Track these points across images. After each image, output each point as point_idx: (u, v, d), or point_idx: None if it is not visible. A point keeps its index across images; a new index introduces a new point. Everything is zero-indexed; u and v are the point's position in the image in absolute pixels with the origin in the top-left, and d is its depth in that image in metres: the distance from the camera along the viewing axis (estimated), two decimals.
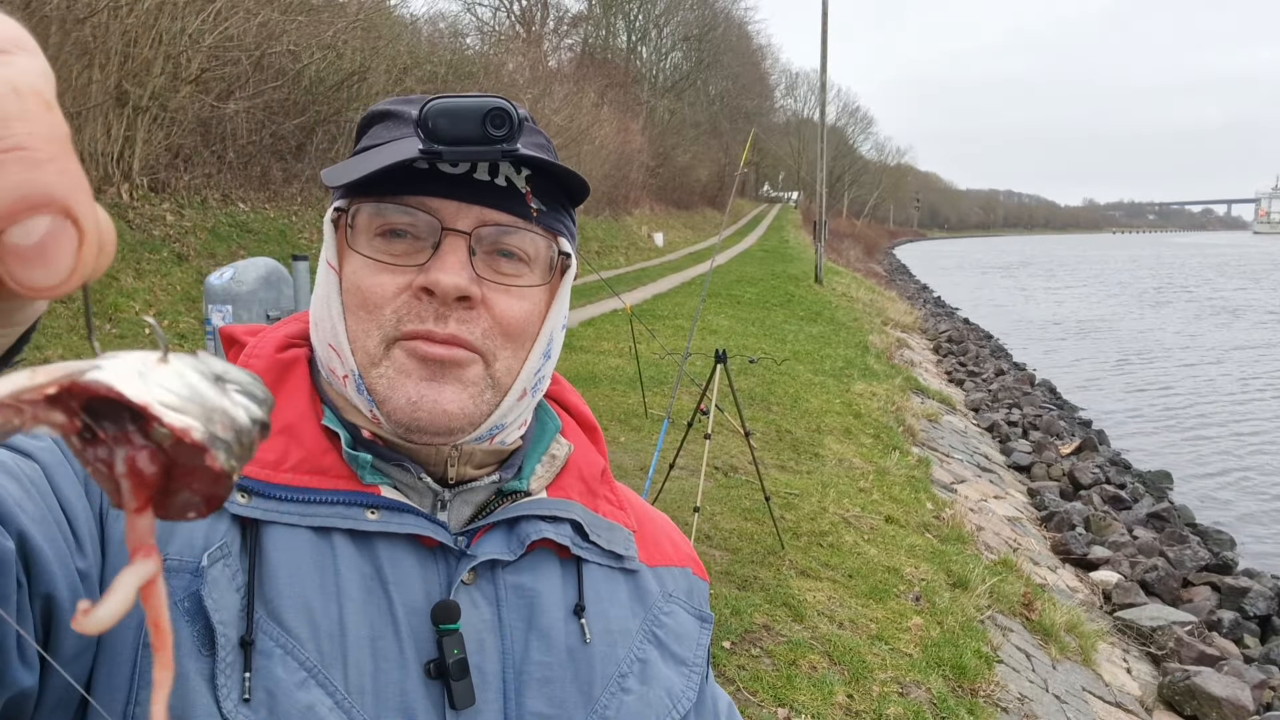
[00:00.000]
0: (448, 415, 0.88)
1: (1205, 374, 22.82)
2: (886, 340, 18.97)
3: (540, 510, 0.96)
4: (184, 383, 0.42)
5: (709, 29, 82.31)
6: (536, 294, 0.94)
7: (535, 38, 53.54)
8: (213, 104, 15.18)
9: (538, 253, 0.93)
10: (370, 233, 0.90)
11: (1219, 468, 14.24)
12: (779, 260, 37.23)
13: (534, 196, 0.93)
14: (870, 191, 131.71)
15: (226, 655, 0.79)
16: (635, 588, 1.02)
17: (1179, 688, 6.22)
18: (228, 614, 0.80)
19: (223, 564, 0.82)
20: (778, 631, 5.06)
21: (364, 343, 0.90)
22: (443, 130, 0.84)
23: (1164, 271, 72.88)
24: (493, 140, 0.84)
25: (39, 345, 8.86)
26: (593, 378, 11.10)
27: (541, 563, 0.95)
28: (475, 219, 0.89)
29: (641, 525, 1.08)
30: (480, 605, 0.90)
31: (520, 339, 0.93)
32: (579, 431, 1.09)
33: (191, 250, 13.37)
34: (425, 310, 0.88)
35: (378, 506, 0.88)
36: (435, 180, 0.89)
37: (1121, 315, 38.22)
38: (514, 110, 0.85)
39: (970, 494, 9.63)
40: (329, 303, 0.93)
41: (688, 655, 1.03)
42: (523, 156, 0.88)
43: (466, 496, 0.96)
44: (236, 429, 0.42)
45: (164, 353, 0.43)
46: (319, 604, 0.84)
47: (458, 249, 0.88)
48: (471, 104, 0.84)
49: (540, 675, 0.90)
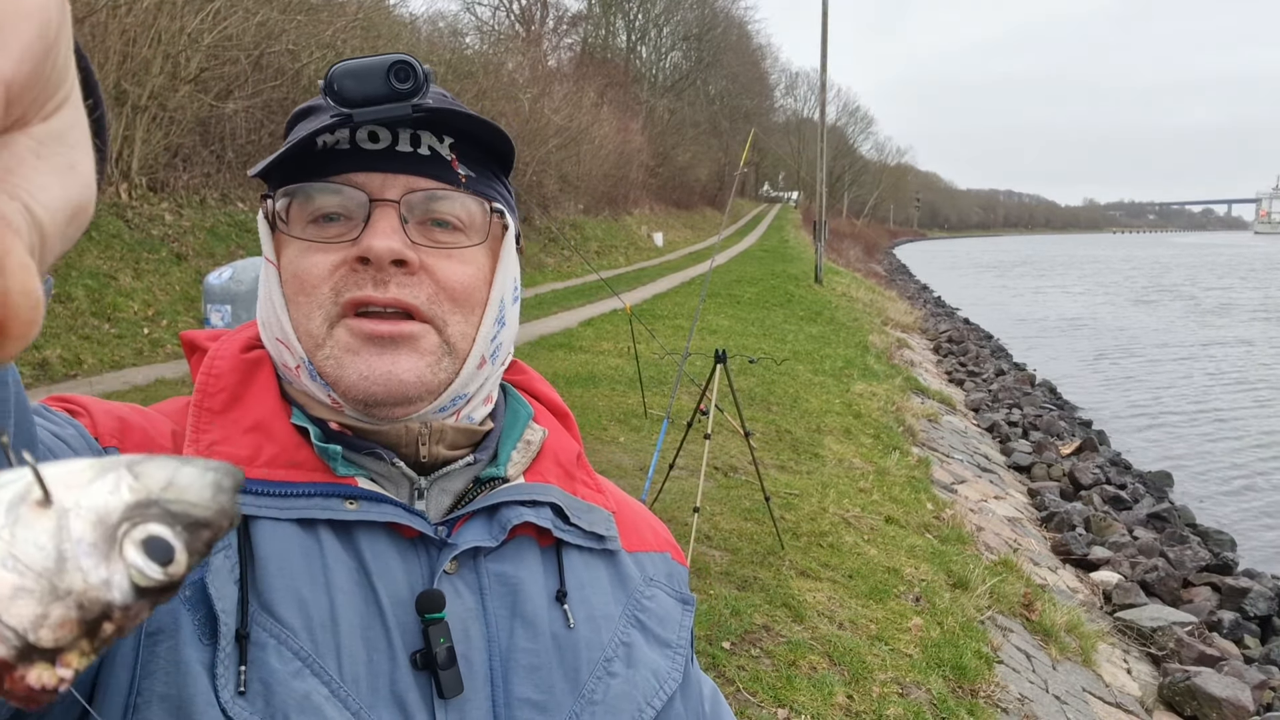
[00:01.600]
0: (403, 384, 0.87)
1: (1205, 374, 22.80)
2: (886, 340, 18.96)
3: (519, 495, 0.95)
4: (32, 559, 0.35)
5: (709, 28, 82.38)
6: (477, 256, 0.93)
7: (535, 37, 53.54)
8: (211, 103, 15.18)
9: (471, 217, 0.92)
10: (303, 221, 0.90)
11: (1220, 468, 14.23)
12: (779, 260, 37.23)
13: (460, 163, 0.92)
14: (870, 191, 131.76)
15: (226, 645, 0.78)
16: (616, 573, 1.02)
17: (1179, 688, 6.21)
18: (228, 604, 0.80)
19: (224, 554, 0.82)
20: (777, 632, 5.05)
21: (307, 326, 0.89)
22: (349, 91, 0.84)
23: (1160, 271, 72.96)
24: (400, 96, 0.84)
25: (37, 345, 8.85)
26: (592, 378, 11.09)
27: (523, 550, 0.95)
28: (403, 187, 0.89)
29: (620, 511, 1.07)
30: (464, 594, 0.90)
31: (468, 304, 0.91)
32: (551, 418, 1.08)
33: (190, 250, 13.37)
34: (363, 278, 0.87)
35: (355, 497, 0.88)
36: (358, 157, 0.89)
37: (1120, 315, 38.23)
38: (417, 64, 0.84)
39: (970, 494, 9.62)
40: (271, 298, 0.92)
41: (671, 637, 1.02)
42: (444, 123, 0.88)
43: (444, 484, 0.95)
44: (83, 617, 0.36)
45: (43, 495, 0.36)
46: (310, 595, 0.83)
47: (388, 216, 0.87)
48: (374, 60, 0.84)
49: (527, 662, 0.90)
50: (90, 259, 11.69)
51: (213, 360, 0.94)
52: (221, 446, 0.87)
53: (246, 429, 0.89)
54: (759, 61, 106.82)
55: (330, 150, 0.89)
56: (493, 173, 0.97)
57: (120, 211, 13.12)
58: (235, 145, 16.06)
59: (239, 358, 0.94)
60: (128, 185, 13.62)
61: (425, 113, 0.86)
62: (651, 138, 55.10)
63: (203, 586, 0.80)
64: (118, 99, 13.38)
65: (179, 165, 14.93)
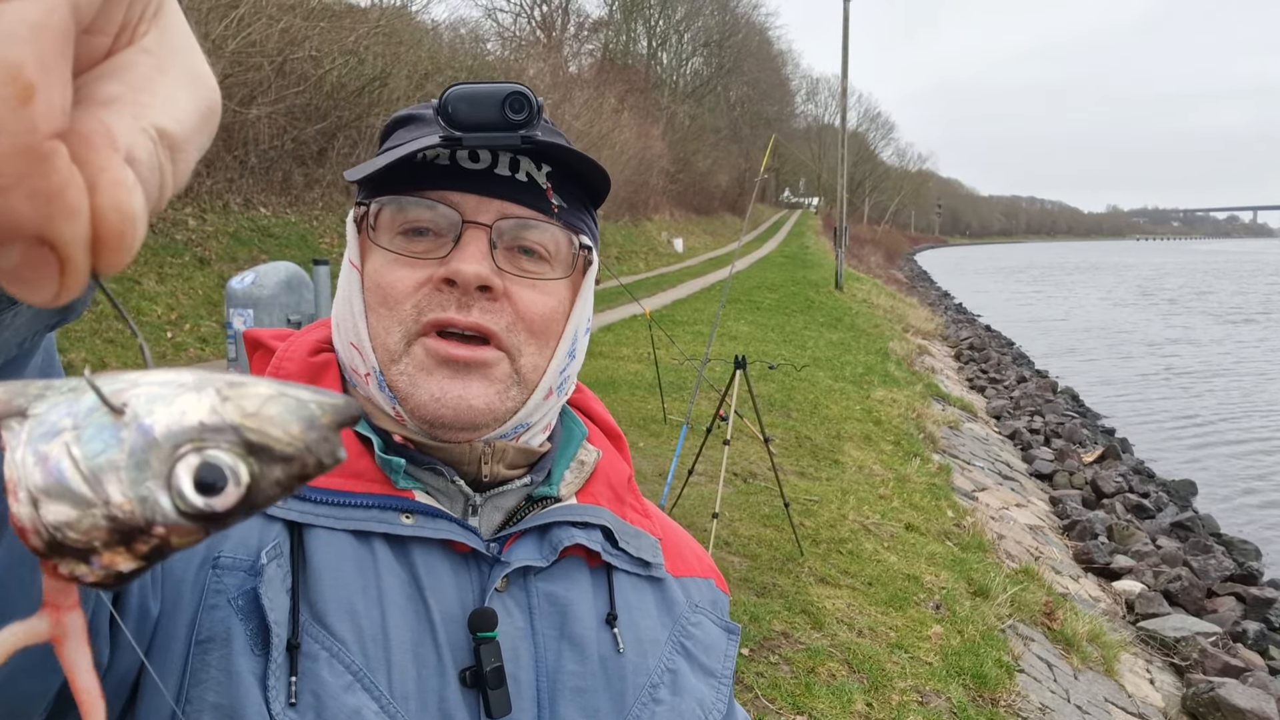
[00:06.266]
0: (473, 410, 0.88)
1: (1230, 382, 22.59)
2: (907, 347, 18.88)
3: (571, 516, 0.95)
4: (81, 463, 0.36)
5: (729, 34, 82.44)
6: (560, 289, 0.93)
7: (556, 43, 53.74)
8: (235, 109, 15.30)
9: (559, 248, 0.92)
10: (392, 231, 0.90)
11: (1245, 477, 14.07)
12: (799, 266, 37.15)
13: (555, 193, 0.92)
14: (891, 197, 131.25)
15: (278, 656, 0.78)
16: (662, 597, 1.01)
17: (1203, 699, 6.14)
18: (280, 614, 0.80)
19: (277, 564, 0.82)
20: (796, 639, 5.03)
21: (384, 339, 0.89)
22: (462, 115, 0.85)
23: (1183, 276, 72.32)
24: (512, 125, 0.85)
25: (61, 349, 8.93)
26: (612, 383, 11.10)
27: (572, 571, 0.94)
28: (497, 212, 0.89)
29: (665, 536, 1.07)
30: (514, 613, 0.89)
31: (545, 335, 0.92)
32: (604, 439, 1.08)
33: (213, 254, 13.47)
34: (447, 300, 0.87)
35: (412, 511, 0.88)
36: (456, 176, 0.89)
37: (1143, 322, 37.92)
38: (533, 96, 0.85)
39: (991, 502, 9.56)
40: (351, 301, 0.92)
41: (716, 666, 1.02)
42: (544, 152, 0.88)
43: (497, 502, 0.95)
44: (116, 528, 0.36)
45: (108, 405, 0.37)
46: (362, 608, 0.83)
47: (479, 240, 0.88)
48: (491, 89, 0.85)
49: (574, 684, 0.90)
50: None
51: (280, 361, 0.95)
52: None
53: None
54: (780, 68, 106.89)
55: (429, 163, 0.89)
56: (583, 204, 0.97)
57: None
58: (258, 151, 16.16)
59: (307, 361, 0.95)
60: None
61: (533, 145, 0.87)
62: (672, 143, 55.11)
63: (255, 596, 0.80)
64: None
65: (202, 170, 15.04)
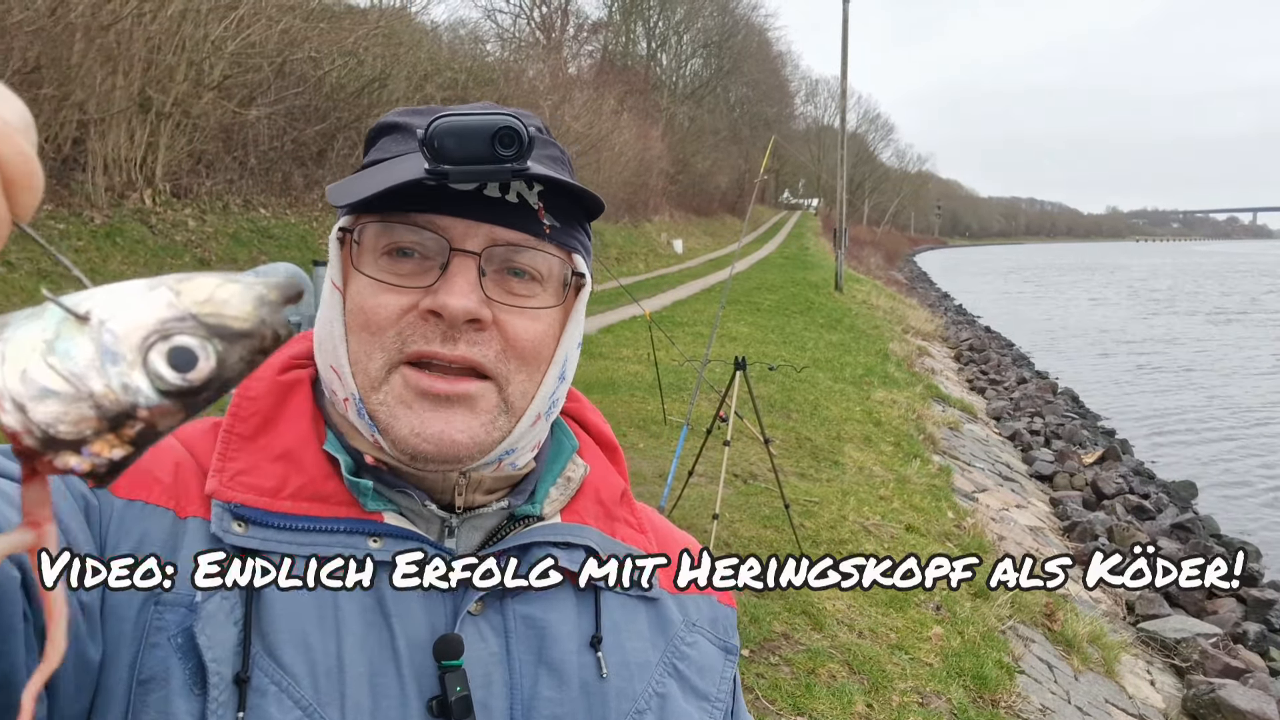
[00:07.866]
0: (456, 445, 0.84)
1: (1230, 382, 22.58)
2: (907, 348, 18.88)
3: (553, 536, 0.92)
4: (59, 368, 0.42)
5: (729, 36, 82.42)
6: (550, 315, 0.90)
7: (555, 44, 53.72)
8: (235, 110, 15.30)
9: (550, 271, 0.89)
10: (376, 252, 0.86)
11: (1245, 478, 14.07)
12: (799, 267, 37.16)
13: (547, 213, 0.88)
14: (891, 199, 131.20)
15: (219, 695, 0.75)
16: (656, 616, 0.97)
17: (1203, 701, 6.14)
18: (222, 650, 0.77)
19: (220, 596, 0.78)
20: (797, 640, 5.03)
21: (365, 365, 0.85)
22: (449, 150, 0.80)
23: (1182, 277, 72.35)
24: (501, 160, 0.80)
25: None
26: (612, 384, 11.09)
27: (554, 592, 0.90)
28: (485, 238, 0.85)
29: (663, 548, 1.03)
30: (488, 637, 0.86)
31: (535, 361, 0.88)
32: (598, 451, 1.04)
33: (213, 255, 13.47)
34: (432, 331, 0.83)
35: (380, 534, 0.85)
36: (443, 198, 0.85)
37: (1141, 323, 37.93)
38: (523, 129, 0.80)
39: (992, 503, 9.56)
40: (331, 324, 0.88)
41: (710, 689, 0.98)
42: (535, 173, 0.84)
43: (476, 522, 0.92)
44: (104, 415, 0.42)
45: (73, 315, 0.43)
46: (317, 639, 0.80)
47: (467, 270, 0.84)
48: (479, 122, 0.80)
49: (550, 712, 0.86)
50: (114, 264, 11.80)
51: (248, 382, 0.90)
52: (247, 476, 0.84)
53: (275, 457, 0.86)
54: (779, 69, 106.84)
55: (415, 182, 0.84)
56: (577, 220, 0.93)
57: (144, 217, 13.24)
58: (258, 151, 16.16)
59: (274, 380, 0.91)
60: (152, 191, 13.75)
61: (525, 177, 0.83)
62: (671, 145, 55.08)
63: (191, 635, 0.76)
64: (142, 106, 13.51)
65: (202, 171, 15.05)
